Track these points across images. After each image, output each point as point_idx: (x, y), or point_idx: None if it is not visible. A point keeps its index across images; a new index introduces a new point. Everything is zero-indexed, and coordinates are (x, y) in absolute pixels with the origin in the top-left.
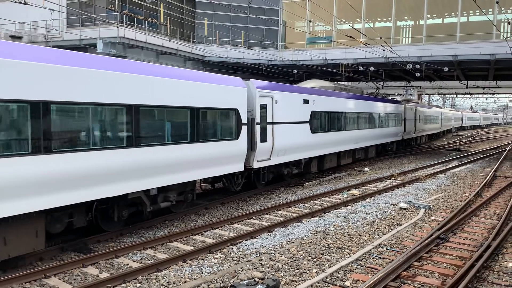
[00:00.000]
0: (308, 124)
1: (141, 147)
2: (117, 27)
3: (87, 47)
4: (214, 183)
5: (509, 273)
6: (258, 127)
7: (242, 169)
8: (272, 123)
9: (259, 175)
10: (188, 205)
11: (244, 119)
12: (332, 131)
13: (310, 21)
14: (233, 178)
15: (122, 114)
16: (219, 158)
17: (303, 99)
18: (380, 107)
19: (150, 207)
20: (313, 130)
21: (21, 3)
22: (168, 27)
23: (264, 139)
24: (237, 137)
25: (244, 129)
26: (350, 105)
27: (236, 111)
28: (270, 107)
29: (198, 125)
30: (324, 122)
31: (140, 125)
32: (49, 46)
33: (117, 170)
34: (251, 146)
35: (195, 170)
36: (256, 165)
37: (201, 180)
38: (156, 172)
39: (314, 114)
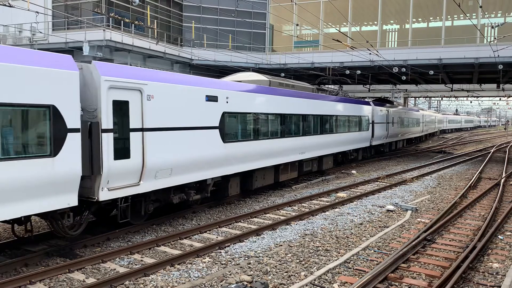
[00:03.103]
0: (217, 130)
1: None
2: (104, 30)
3: (73, 50)
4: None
5: (494, 273)
6: (107, 136)
7: (75, 203)
8: (143, 129)
9: (135, 207)
10: None
11: (74, 123)
12: (262, 139)
13: (297, 25)
14: (63, 217)
15: None
16: (8, 189)
17: (207, 95)
18: (338, 109)
19: None
20: (227, 138)
21: (5, 5)
22: (155, 30)
23: (123, 154)
24: (54, 152)
25: (74, 138)
26: (291, 106)
27: (51, 109)
28: (137, 105)
29: None
30: (246, 127)
31: None
32: (35, 49)
33: None
34: (92, 166)
35: None
36: (105, 195)
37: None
38: None
39: (227, 117)
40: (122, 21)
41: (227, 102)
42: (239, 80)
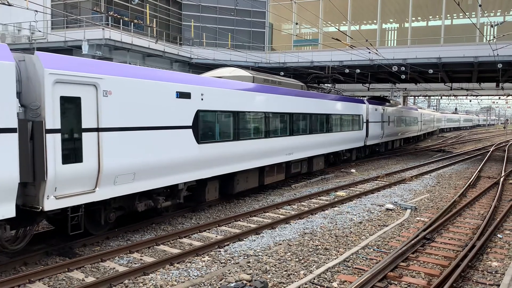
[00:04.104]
0: (190, 130)
1: None
2: (103, 29)
3: (72, 48)
4: None
5: (493, 272)
6: (54, 137)
7: (12, 214)
8: (98, 129)
9: (94, 216)
10: None
11: (7, 122)
12: (243, 139)
13: (296, 24)
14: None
15: None
16: None
17: (178, 92)
18: (329, 107)
19: None
20: (202, 138)
21: (4, 4)
22: (154, 29)
23: (74, 157)
24: None
25: (8, 140)
26: (276, 103)
27: None
28: (91, 102)
29: None
30: (224, 126)
31: None
32: (33, 48)
33: None
34: (34, 171)
35: None
36: (52, 204)
37: None
38: None
39: (203, 115)
40: (121, 20)
41: (202, 99)
42: (219, 76)
